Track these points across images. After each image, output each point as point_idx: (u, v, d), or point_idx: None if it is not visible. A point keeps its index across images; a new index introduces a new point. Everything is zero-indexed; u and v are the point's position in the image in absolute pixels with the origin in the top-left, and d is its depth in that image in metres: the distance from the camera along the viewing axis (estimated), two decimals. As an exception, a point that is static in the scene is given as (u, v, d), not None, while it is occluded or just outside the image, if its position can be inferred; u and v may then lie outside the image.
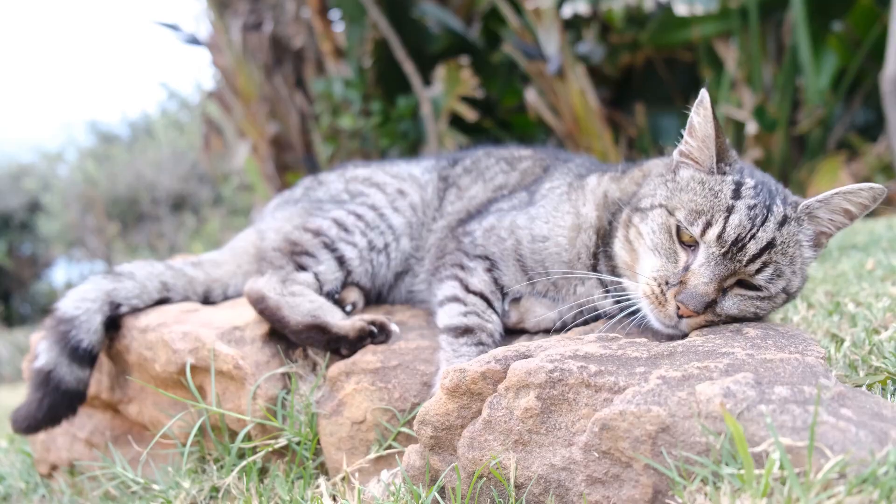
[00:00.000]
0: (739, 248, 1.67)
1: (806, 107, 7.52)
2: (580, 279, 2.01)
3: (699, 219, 1.70)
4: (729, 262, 1.67)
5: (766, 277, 1.69)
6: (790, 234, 1.71)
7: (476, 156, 2.65)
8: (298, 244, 2.32)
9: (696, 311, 1.65)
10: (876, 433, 1.25)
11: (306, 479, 1.95)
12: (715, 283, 1.66)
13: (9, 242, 17.95)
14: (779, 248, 1.69)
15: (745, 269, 1.68)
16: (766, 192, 1.75)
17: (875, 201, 1.69)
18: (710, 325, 1.73)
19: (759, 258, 1.67)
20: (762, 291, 1.72)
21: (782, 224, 1.70)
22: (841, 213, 1.74)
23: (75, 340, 2.22)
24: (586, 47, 8.52)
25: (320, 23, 9.11)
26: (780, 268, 1.70)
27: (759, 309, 1.74)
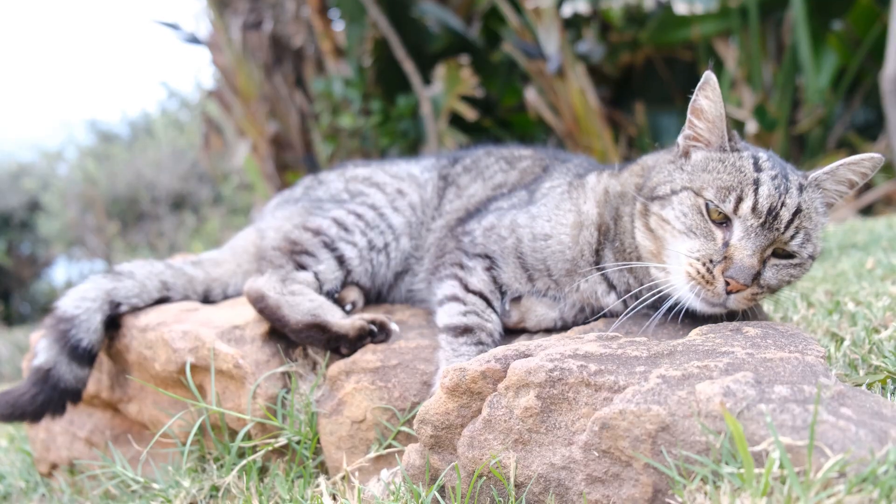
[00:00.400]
0: (774, 217, 1.72)
1: (806, 106, 7.52)
2: (583, 276, 2.00)
3: (730, 195, 1.74)
4: (767, 231, 1.72)
5: (799, 243, 1.76)
6: (809, 200, 1.78)
7: (476, 155, 2.64)
8: (298, 243, 2.32)
9: (746, 283, 1.68)
10: (876, 432, 1.25)
11: (306, 479, 1.95)
12: (758, 255, 1.71)
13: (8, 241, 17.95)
14: (804, 213, 1.76)
15: (782, 237, 1.74)
16: (778, 163, 1.83)
17: (874, 170, 1.79)
18: (753, 299, 1.76)
19: (792, 224, 1.73)
20: (795, 258, 1.78)
21: (801, 191, 1.77)
22: (845, 184, 1.82)
23: (75, 339, 2.22)
24: (586, 46, 8.52)
25: (320, 22, 9.11)
26: (809, 232, 1.77)
27: (792, 277, 1.79)
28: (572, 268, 2.01)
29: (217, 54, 9.84)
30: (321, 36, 9.19)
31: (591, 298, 2.00)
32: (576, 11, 8.81)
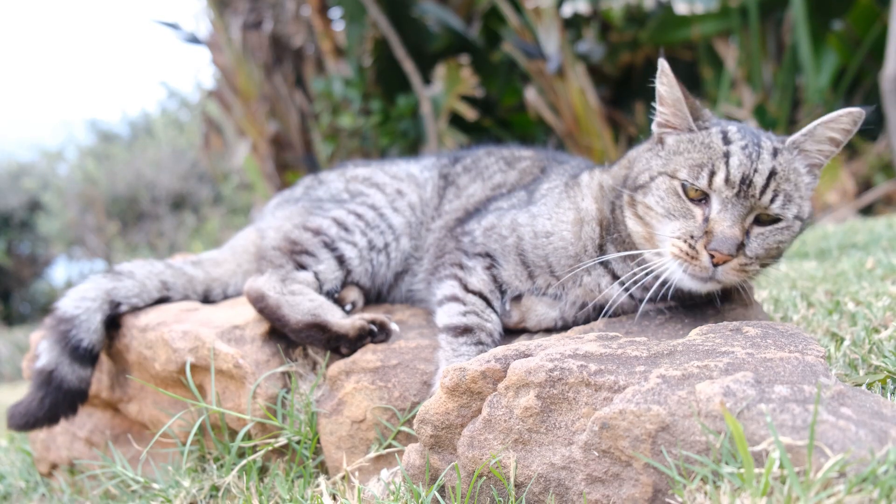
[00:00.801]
0: (748, 185, 1.74)
1: (806, 106, 7.52)
2: (587, 270, 2.01)
3: (702, 171, 1.78)
4: (744, 199, 1.75)
5: (780, 205, 1.76)
6: (786, 162, 1.79)
7: (476, 155, 2.65)
8: (298, 243, 2.32)
9: (730, 253, 1.70)
10: (876, 432, 1.25)
11: (306, 478, 1.95)
12: (739, 224, 1.74)
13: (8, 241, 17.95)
14: (781, 176, 1.77)
15: (760, 203, 1.75)
16: (749, 132, 1.85)
17: (856, 125, 1.77)
18: (743, 270, 1.76)
19: (768, 188, 1.75)
20: (780, 222, 1.78)
21: (775, 154, 1.79)
22: (827, 142, 1.82)
23: (76, 340, 2.22)
24: (586, 46, 8.52)
25: (320, 21, 9.11)
26: (789, 193, 1.77)
27: (780, 242, 1.80)
28: (575, 263, 2.02)
29: (217, 54, 9.84)
30: (321, 36, 9.19)
31: (595, 292, 2.00)
32: (576, 11, 8.82)
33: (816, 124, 1.80)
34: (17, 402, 2.27)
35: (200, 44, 10.08)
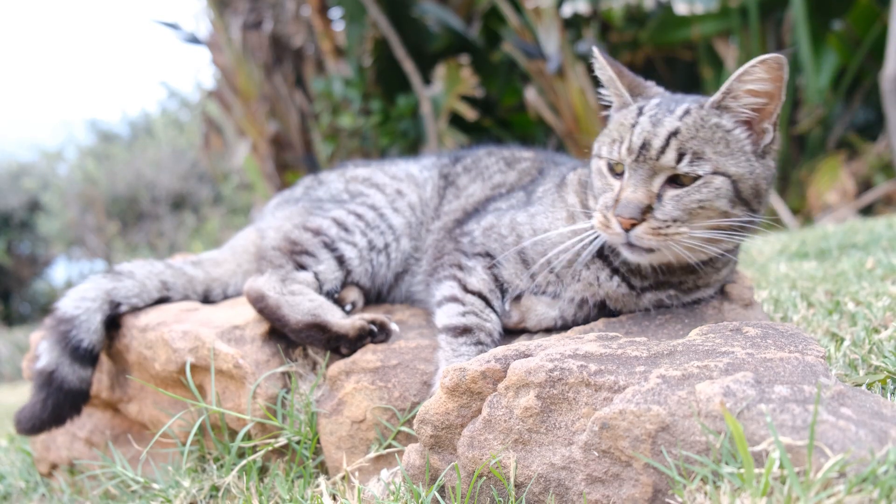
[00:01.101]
0: (646, 148, 1.77)
1: (806, 106, 7.52)
2: (585, 264, 2.01)
3: (614, 146, 1.84)
4: (643, 163, 1.77)
5: (689, 161, 1.74)
6: (699, 121, 1.77)
7: (477, 155, 2.65)
8: (298, 243, 2.32)
9: (633, 216, 1.73)
10: (876, 432, 1.25)
11: (306, 478, 1.95)
12: (642, 189, 1.76)
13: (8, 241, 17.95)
14: (686, 134, 1.75)
15: (661, 163, 1.75)
16: (669, 103, 1.85)
17: (776, 71, 1.74)
18: (658, 232, 1.74)
19: (668, 148, 1.74)
20: (699, 179, 1.75)
21: (684, 115, 1.78)
22: (748, 95, 1.78)
23: (76, 340, 2.22)
24: (586, 46, 8.51)
25: (320, 21, 9.11)
26: (698, 150, 1.74)
27: (702, 202, 1.75)
28: (573, 257, 2.02)
29: (217, 54, 9.84)
30: (321, 36, 9.19)
31: (595, 285, 2.00)
32: (576, 11, 8.82)
33: (731, 79, 1.78)
34: (21, 407, 2.28)
35: (200, 44, 10.08)
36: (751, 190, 1.80)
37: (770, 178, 1.86)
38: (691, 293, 2.02)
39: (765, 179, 1.83)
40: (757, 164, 1.81)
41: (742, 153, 1.79)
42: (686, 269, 1.94)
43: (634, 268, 1.95)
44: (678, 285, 1.99)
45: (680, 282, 1.98)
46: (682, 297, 2.02)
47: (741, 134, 1.80)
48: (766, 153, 1.85)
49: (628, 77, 1.99)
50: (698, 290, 2.02)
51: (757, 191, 1.81)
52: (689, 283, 1.99)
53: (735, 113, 1.80)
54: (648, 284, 1.97)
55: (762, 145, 1.82)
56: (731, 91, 1.79)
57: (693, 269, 1.94)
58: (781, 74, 1.75)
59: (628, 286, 1.98)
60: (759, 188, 1.82)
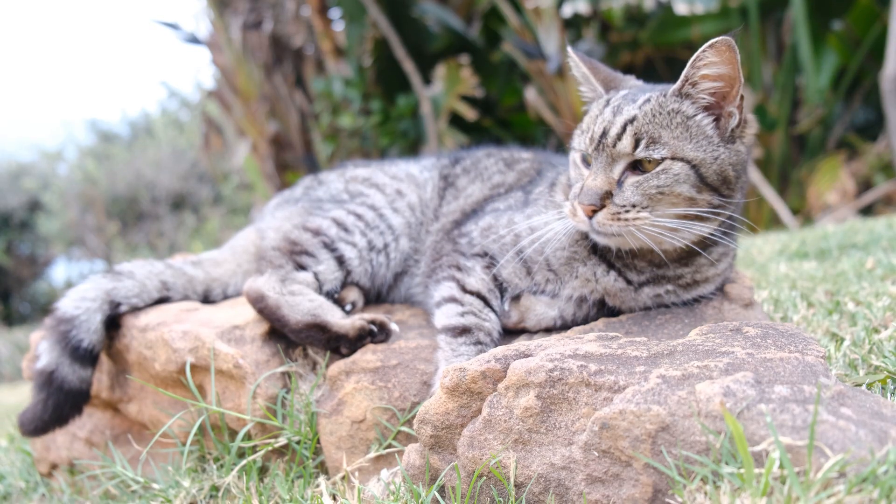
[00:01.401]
0: (605, 136, 1.82)
1: (806, 106, 7.52)
2: (582, 261, 2.01)
3: (582, 136, 1.92)
4: (602, 150, 1.82)
5: (643, 146, 1.77)
6: (657, 107, 1.80)
7: (476, 156, 2.65)
8: (298, 243, 2.32)
9: (592, 203, 1.78)
10: (876, 432, 1.25)
11: (306, 479, 1.95)
12: (602, 176, 1.81)
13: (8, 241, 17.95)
14: (644, 120, 1.79)
15: (618, 150, 1.79)
16: (636, 94, 1.89)
17: (727, 53, 1.72)
18: (617, 217, 1.77)
19: (624, 134, 1.79)
20: (661, 164, 1.77)
21: (644, 104, 1.82)
22: (706, 80, 1.79)
23: (76, 340, 2.22)
24: (586, 46, 8.52)
25: (320, 22, 9.11)
26: (655, 135, 1.77)
27: (661, 187, 1.76)
28: (570, 255, 2.03)
29: (217, 54, 9.84)
30: (321, 36, 9.19)
31: (592, 282, 2.01)
32: (576, 11, 8.82)
33: (687, 67, 1.79)
34: (24, 409, 2.28)
35: (200, 44, 10.09)
36: (716, 176, 1.79)
37: (741, 163, 1.85)
38: (690, 289, 2.01)
39: (732, 165, 1.82)
40: (722, 149, 1.80)
41: (705, 138, 1.80)
42: (679, 261, 1.95)
43: (630, 263, 1.96)
44: (675, 280, 1.98)
45: (676, 276, 1.98)
46: (682, 294, 2.01)
47: (704, 119, 1.81)
48: (735, 137, 1.84)
49: (603, 73, 2.04)
50: (697, 287, 2.02)
51: (724, 177, 1.81)
52: (686, 278, 1.99)
53: (696, 99, 1.81)
54: (646, 279, 1.97)
55: (728, 129, 1.82)
56: (688, 78, 1.79)
57: (686, 261, 1.94)
58: (733, 56, 1.74)
59: (625, 281, 1.98)
60: (726, 174, 1.81)
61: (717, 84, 1.79)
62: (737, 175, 1.83)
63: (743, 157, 1.85)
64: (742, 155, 1.84)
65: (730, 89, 1.80)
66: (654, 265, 1.95)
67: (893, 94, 6.42)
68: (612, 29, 8.65)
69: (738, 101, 1.81)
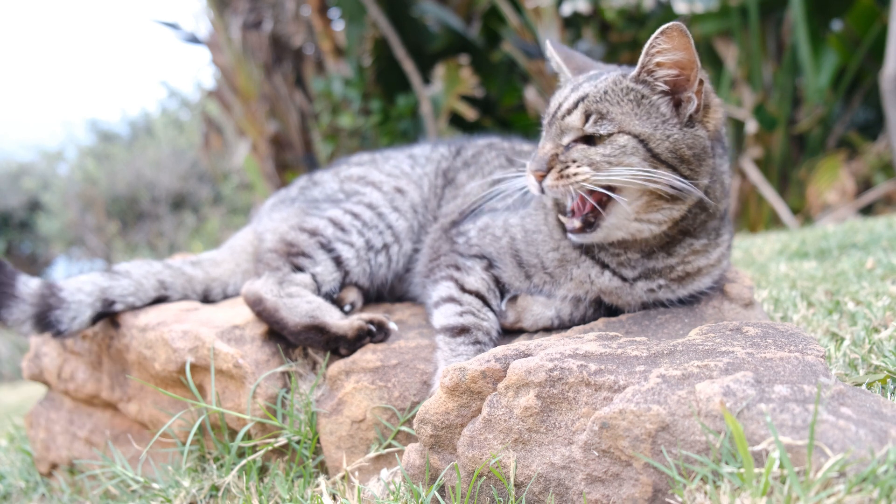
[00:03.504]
0: (558, 109, 1.89)
1: (806, 105, 7.52)
2: (575, 263, 2.01)
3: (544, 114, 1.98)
4: (553, 123, 1.89)
5: (592, 122, 1.81)
6: (612, 85, 1.84)
7: (478, 146, 2.63)
8: (295, 245, 2.31)
9: (540, 168, 1.85)
10: (876, 432, 1.25)
11: (306, 478, 1.95)
12: (549, 143, 1.88)
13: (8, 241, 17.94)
14: (595, 97, 1.83)
15: (565, 122, 1.85)
16: (601, 75, 1.93)
17: (679, 38, 1.73)
18: (562, 175, 1.82)
19: (575, 110, 1.84)
20: (598, 141, 1.81)
21: (601, 82, 1.86)
22: (662, 67, 1.80)
23: (55, 320, 2.24)
24: (586, 46, 8.52)
25: (320, 21, 9.11)
26: (605, 111, 1.81)
27: (607, 157, 1.79)
28: (562, 257, 2.02)
29: (217, 54, 9.84)
30: (321, 35, 9.19)
31: (587, 283, 2.00)
32: (575, 10, 8.81)
33: (642, 54, 1.81)
34: None
35: (200, 44, 10.09)
36: (670, 153, 1.79)
37: (700, 147, 1.83)
38: (684, 283, 2.00)
39: (689, 146, 1.81)
40: (676, 130, 1.81)
41: (658, 116, 1.81)
42: (663, 249, 1.94)
43: (615, 253, 1.96)
44: (666, 273, 1.97)
45: (666, 268, 1.96)
46: (677, 289, 2.00)
47: (660, 100, 1.82)
48: (695, 122, 1.84)
49: (579, 62, 2.11)
50: (692, 280, 2.00)
51: (680, 154, 1.80)
52: (677, 270, 1.97)
53: (653, 85, 1.82)
54: (638, 273, 1.97)
55: (686, 114, 1.82)
56: (644, 66, 1.81)
57: (669, 250, 1.94)
58: (686, 41, 1.74)
59: (620, 279, 1.98)
60: (681, 152, 1.80)
61: (672, 71, 1.80)
62: (696, 157, 1.82)
63: (703, 141, 1.83)
64: (702, 140, 1.83)
65: (687, 75, 1.80)
66: (643, 254, 1.95)
67: (893, 94, 6.42)
68: (612, 29, 8.64)
69: (697, 86, 1.81)
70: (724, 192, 1.98)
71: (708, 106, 1.86)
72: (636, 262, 1.96)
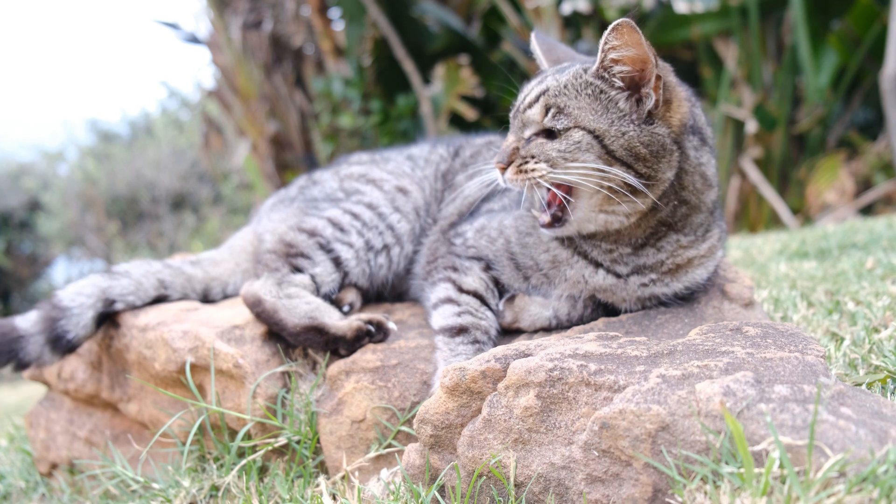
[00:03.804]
0: (522, 102, 1.92)
1: (806, 105, 7.52)
2: (569, 264, 2.01)
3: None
4: (516, 116, 1.92)
5: (551, 116, 1.83)
6: (572, 79, 1.85)
7: (476, 146, 2.63)
8: (293, 245, 2.31)
9: (501, 161, 1.89)
10: (876, 432, 1.25)
11: (306, 478, 1.95)
12: (512, 136, 1.92)
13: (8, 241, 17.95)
14: (555, 90, 1.85)
15: (526, 115, 1.87)
16: (564, 68, 1.94)
17: (630, 35, 1.73)
18: (520, 170, 1.84)
19: (536, 103, 1.86)
20: (557, 136, 1.82)
21: (563, 76, 1.88)
22: (617, 64, 1.79)
23: (62, 330, 2.23)
24: (586, 45, 8.51)
25: (320, 21, 9.11)
26: (563, 106, 1.82)
27: (562, 152, 1.80)
28: (555, 258, 2.02)
29: (217, 54, 9.85)
30: (321, 35, 9.19)
31: (581, 283, 2.00)
32: (575, 10, 8.81)
33: (598, 51, 1.81)
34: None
35: (200, 44, 10.09)
36: (625, 150, 1.79)
37: (658, 144, 1.81)
38: (676, 276, 1.98)
39: (644, 143, 1.79)
40: (633, 127, 1.79)
41: (615, 112, 1.81)
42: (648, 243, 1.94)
43: (616, 257, 1.95)
44: (657, 268, 1.96)
45: (657, 263, 1.96)
46: (670, 282, 1.98)
47: (618, 96, 1.82)
48: (655, 118, 1.82)
49: (559, 54, 2.12)
50: (684, 273, 1.99)
51: (635, 153, 1.79)
52: (667, 264, 1.96)
53: (611, 82, 1.82)
54: (630, 269, 1.96)
55: (645, 110, 1.81)
56: (602, 61, 1.81)
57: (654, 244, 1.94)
58: (637, 37, 1.73)
59: (615, 276, 1.97)
60: (636, 150, 1.79)
61: (626, 68, 1.80)
62: (654, 154, 1.80)
63: (661, 138, 1.81)
64: (660, 137, 1.81)
65: (641, 70, 1.79)
66: (632, 248, 1.94)
67: (893, 94, 6.42)
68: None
69: (654, 81, 1.79)
70: (706, 185, 1.95)
71: (669, 101, 1.84)
72: (627, 258, 1.95)
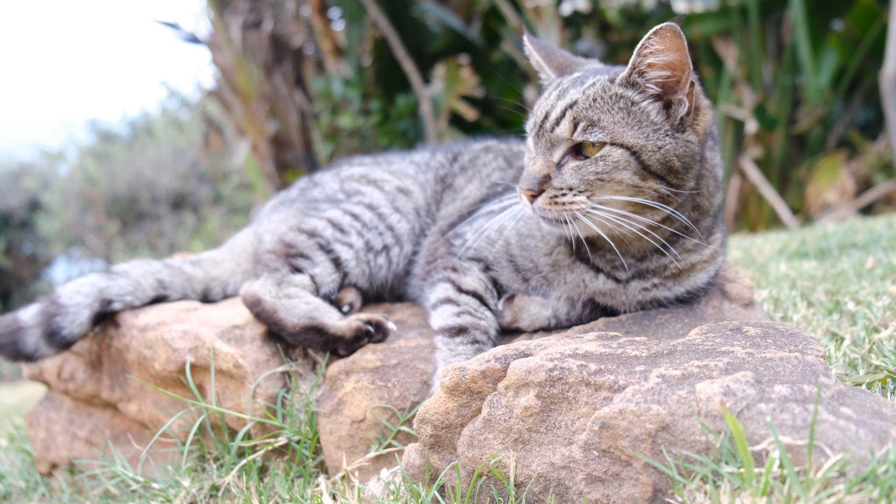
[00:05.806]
0: (546, 119, 1.80)
1: (806, 105, 7.52)
2: (569, 268, 2.01)
3: (529, 121, 1.90)
4: (542, 135, 1.80)
5: (582, 130, 1.74)
6: (601, 91, 1.76)
7: (474, 151, 2.63)
8: (293, 246, 2.31)
9: (531, 188, 1.77)
10: (876, 432, 1.25)
11: (306, 478, 1.95)
12: (541, 160, 1.80)
13: (8, 241, 17.95)
14: (584, 104, 1.75)
15: (556, 134, 1.77)
16: (587, 77, 1.84)
17: (673, 39, 1.67)
18: (554, 202, 1.75)
19: (563, 118, 1.76)
20: (602, 149, 1.73)
21: (588, 88, 1.78)
22: (653, 69, 1.74)
23: (57, 326, 2.25)
24: (586, 46, 8.52)
25: (320, 21, 9.11)
26: (595, 119, 1.73)
27: (598, 175, 1.73)
28: (556, 262, 2.02)
29: (217, 54, 9.85)
30: (321, 35, 9.19)
31: (581, 286, 2.00)
32: (575, 10, 8.81)
33: (633, 55, 1.72)
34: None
35: (200, 44, 10.10)
36: (660, 164, 1.74)
37: (689, 154, 1.78)
38: (679, 280, 1.98)
39: (679, 156, 1.76)
40: (669, 138, 1.75)
41: (649, 125, 1.74)
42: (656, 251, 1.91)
43: (607, 258, 1.93)
44: (661, 272, 1.95)
45: (661, 267, 1.95)
46: (672, 287, 1.98)
47: (650, 106, 1.75)
48: (685, 127, 1.78)
49: (559, 59, 2.02)
50: (687, 277, 1.98)
51: (669, 166, 1.75)
52: (670, 269, 1.95)
53: (643, 88, 1.76)
54: (631, 274, 1.95)
55: (677, 118, 1.77)
56: (635, 66, 1.74)
57: (656, 249, 1.91)
58: (680, 42, 1.68)
59: (614, 280, 1.97)
60: (671, 163, 1.75)
61: (664, 73, 1.74)
62: (684, 165, 1.77)
63: (693, 147, 1.78)
64: (692, 145, 1.78)
65: (679, 77, 1.74)
66: (635, 258, 1.93)
67: (893, 94, 6.43)
68: (612, 28, 8.65)
69: (688, 88, 1.76)
70: (717, 186, 1.95)
71: (698, 108, 1.81)
72: (630, 265, 1.94)
